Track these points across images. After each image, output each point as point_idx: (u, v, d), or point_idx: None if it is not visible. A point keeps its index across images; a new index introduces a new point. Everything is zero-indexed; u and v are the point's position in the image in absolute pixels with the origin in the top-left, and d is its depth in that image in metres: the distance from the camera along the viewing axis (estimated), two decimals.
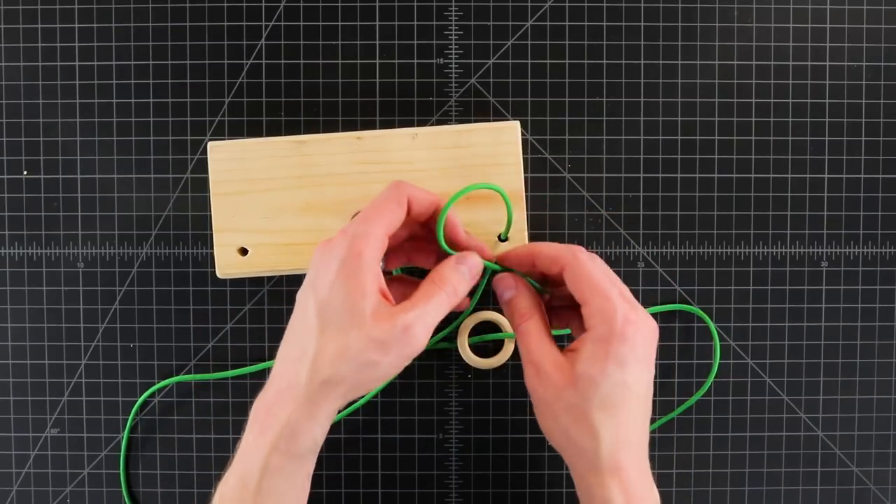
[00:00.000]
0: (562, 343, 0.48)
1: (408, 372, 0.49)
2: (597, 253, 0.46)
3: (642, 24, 0.48)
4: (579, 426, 0.36)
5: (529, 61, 0.48)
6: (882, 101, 0.48)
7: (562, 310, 0.42)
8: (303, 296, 0.36)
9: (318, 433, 0.36)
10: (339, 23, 0.48)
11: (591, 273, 0.37)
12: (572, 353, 0.37)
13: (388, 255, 0.41)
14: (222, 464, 0.45)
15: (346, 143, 0.44)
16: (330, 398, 0.35)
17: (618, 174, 0.48)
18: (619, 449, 0.36)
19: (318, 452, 0.37)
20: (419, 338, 0.35)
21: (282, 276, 0.48)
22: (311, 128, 0.48)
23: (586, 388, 0.36)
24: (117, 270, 0.49)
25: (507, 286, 0.40)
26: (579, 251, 0.38)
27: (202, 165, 0.48)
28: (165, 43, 0.48)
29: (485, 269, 0.49)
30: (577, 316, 0.40)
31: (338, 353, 0.34)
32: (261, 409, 0.36)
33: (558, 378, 0.36)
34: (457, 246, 0.39)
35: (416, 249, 0.42)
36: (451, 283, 0.37)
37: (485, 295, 0.48)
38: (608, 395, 0.36)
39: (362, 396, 0.37)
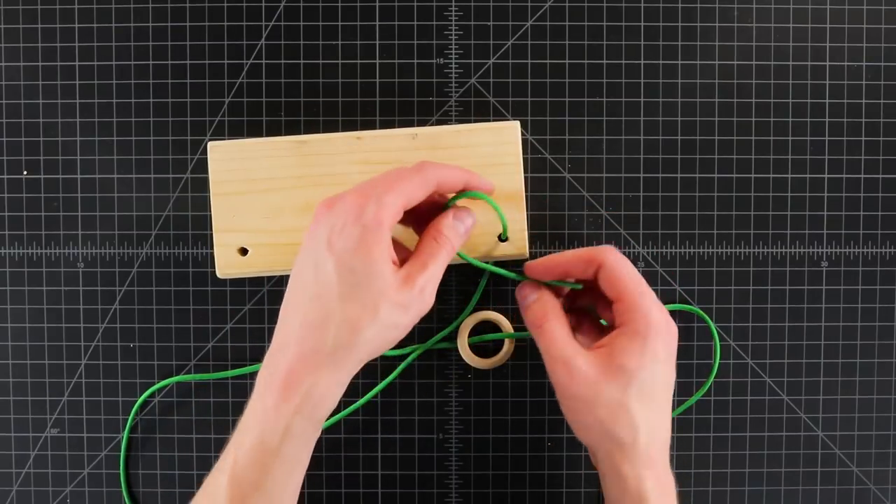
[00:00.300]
0: None
1: (408, 372, 0.49)
2: None
3: (642, 24, 0.48)
4: (619, 419, 0.37)
5: (529, 61, 0.48)
6: (882, 101, 0.48)
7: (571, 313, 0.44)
8: (317, 255, 0.36)
9: (338, 397, 0.37)
10: (339, 23, 0.48)
11: (628, 271, 0.38)
12: (603, 348, 0.38)
13: None
14: None
15: (346, 143, 0.44)
16: (354, 362, 0.36)
17: (618, 174, 0.48)
18: (653, 442, 0.37)
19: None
20: (431, 297, 0.37)
21: (282, 276, 0.48)
22: (311, 128, 0.48)
23: (627, 380, 0.37)
24: (117, 270, 0.49)
25: (529, 292, 0.41)
26: (612, 250, 0.39)
27: (202, 165, 0.48)
28: (165, 43, 0.48)
29: (485, 270, 0.49)
30: (585, 320, 0.42)
31: (365, 318, 0.35)
32: (279, 373, 0.36)
33: (593, 373, 0.37)
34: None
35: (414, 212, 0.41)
36: (451, 241, 0.39)
37: (485, 295, 0.48)
38: (645, 387, 0.37)
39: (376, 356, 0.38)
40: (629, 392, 0.37)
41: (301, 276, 0.36)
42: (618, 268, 0.38)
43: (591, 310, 0.44)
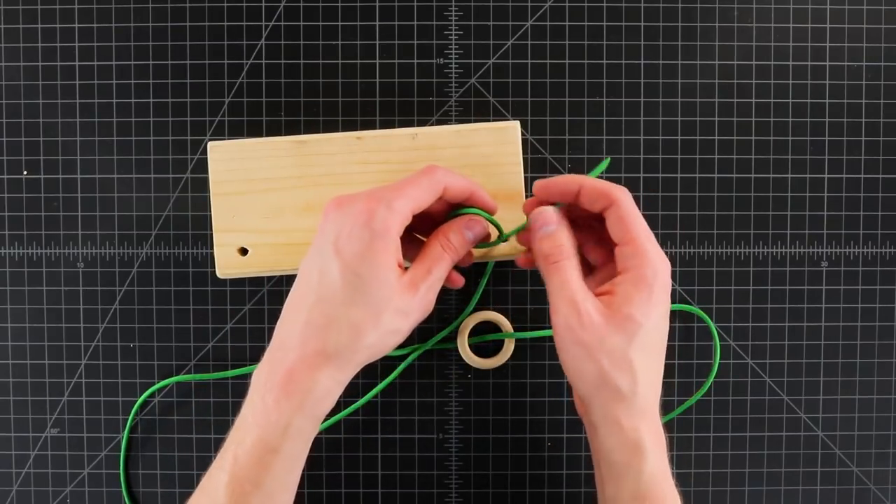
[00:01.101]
0: None
1: (408, 372, 0.49)
2: None
3: (642, 24, 0.48)
4: (621, 369, 0.36)
5: (529, 61, 0.48)
6: (882, 101, 0.48)
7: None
8: (322, 257, 0.36)
9: (337, 396, 0.37)
10: (339, 23, 0.48)
11: (637, 214, 0.37)
12: (609, 295, 0.37)
13: None
14: None
15: (346, 143, 0.44)
16: (354, 364, 0.36)
17: (618, 174, 0.48)
18: (650, 391, 0.37)
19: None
20: (432, 302, 0.38)
21: (282, 276, 0.48)
22: (311, 128, 0.48)
23: (633, 330, 0.36)
24: (117, 270, 0.49)
25: (549, 220, 0.38)
26: (626, 191, 0.37)
27: (202, 165, 0.48)
28: (165, 43, 0.48)
29: (484, 270, 0.49)
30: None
31: (368, 324, 0.35)
32: (280, 372, 0.36)
33: (600, 320, 0.36)
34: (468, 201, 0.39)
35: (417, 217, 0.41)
36: (456, 248, 0.38)
37: (485, 295, 0.48)
38: (648, 337, 0.36)
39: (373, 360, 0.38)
40: (634, 343, 0.36)
41: (307, 276, 0.37)
42: (631, 210, 0.37)
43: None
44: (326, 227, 0.36)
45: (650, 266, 0.36)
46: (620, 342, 0.36)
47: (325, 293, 0.35)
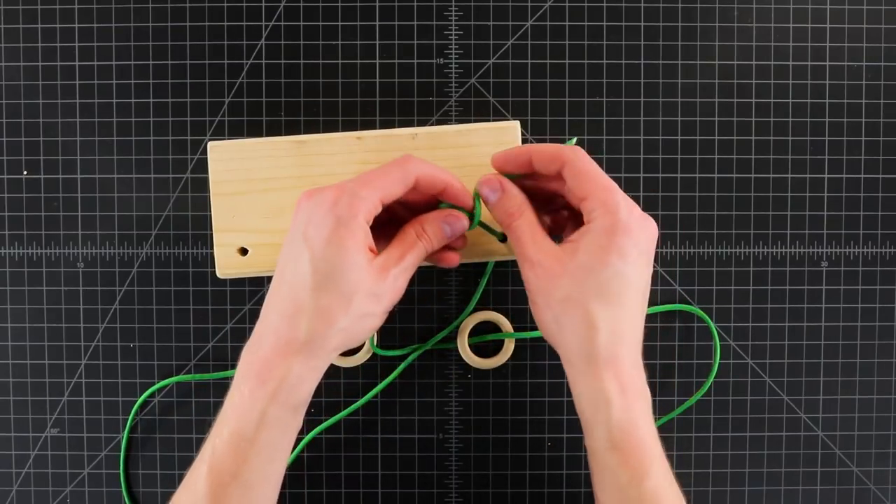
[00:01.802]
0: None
1: (408, 372, 0.49)
2: None
3: (642, 24, 0.48)
4: (575, 316, 0.36)
5: (529, 61, 0.48)
6: (882, 101, 0.48)
7: (552, 213, 0.42)
8: (293, 247, 0.36)
9: (314, 385, 0.37)
10: (339, 23, 0.48)
11: (593, 168, 0.37)
12: (571, 243, 0.37)
13: None
14: None
15: (346, 143, 0.44)
16: (328, 350, 0.36)
17: (618, 174, 0.48)
18: (616, 342, 0.36)
19: (308, 405, 0.38)
20: (403, 287, 0.38)
21: None
22: (311, 128, 0.48)
23: (584, 277, 0.36)
24: (117, 270, 0.49)
25: (493, 188, 0.39)
26: (577, 149, 0.37)
27: (202, 165, 0.48)
28: (165, 43, 0.48)
29: (484, 270, 0.49)
30: (570, 219, 0.41)
31: (338, 309, 0.35)
32: (255, 362, 0.36)
33: (556, 268, 0.36)
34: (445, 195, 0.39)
35: (403, 206, 0.41)
36: (430, 238, 0.38)
37: (485, 295, 0.48)
38: (607, 285, 0.36)
39: (352, 346, 0.38)
40: (590, 291, 0.36)
41: (281, 268, 0.37)
42: (580, 164, 0.37)
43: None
44: (297, 217, 0.37)
45: (610, 214, 0.36)
46: (574, 290, 0.36)
47: (296, 281, 0.36)
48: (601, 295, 0.36)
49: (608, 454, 0.36)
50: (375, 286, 0.36)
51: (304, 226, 0.36)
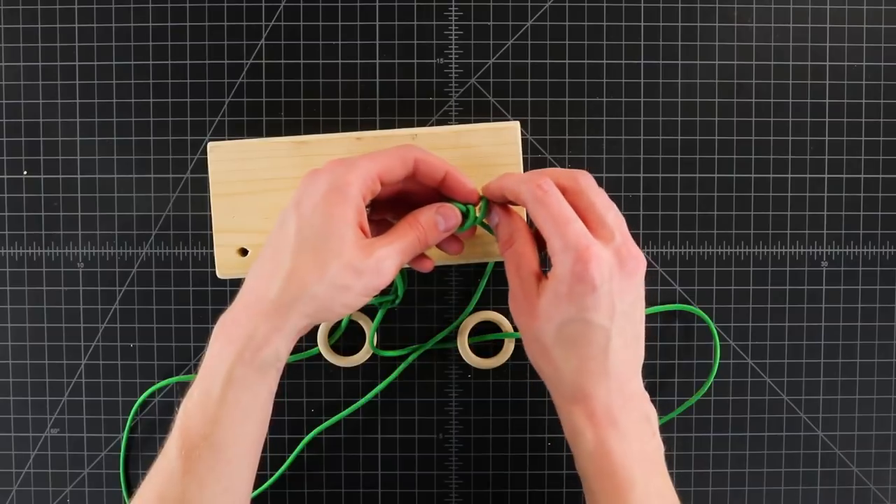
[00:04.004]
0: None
1: (408, 372, 0.49)
2: None
3: (642, 24, 0.48)
4: (543, 357, 0.38)
5: (529, 61, 0.48)
6: (882, 101, 0.48)
7: None
8: (284, 214, 0.37)
9: (281, 347, 0.36)
10: (339, 23, 0.48)
11: (548, 210, 0.36)
12: (545, 280, 0.38)
13: (377, 205, 0.41)
14: None
15: (346, 143, 0.44)
16: (298, 314, 0.36)
17: (618, 174, 0.48)
18: (583, 380, 0.37)
19: (280, 371, 0.37)
20: (388, 271, 0.37)
21: None
22: (311, 128, 0.48)
23: (545, 324, 0.37)
24: (117, 270, 0.49)
25: (489, 216, 0.40)
26: (537, 186, 0.36)
27: (202, 165, 0.48)
28: (165, 43, 0.48)
29: (484, 270, 0.49)
30: None
31: (314, 273, 0.35)
32: (226, 321, 0.36)
33: (529, 308, 0.38)
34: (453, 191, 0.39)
35: (407, 203, 0.41)
36: (424, 230, 0.38)
37: (485, 295, 0.48)
38: (567, 330, 0.37)
39: (327, 321, 0.38)
40: (548, 337, 0.37)
41: (270, 235, 0.37)
42: (540, 211, 0.36)
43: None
44: (296, 192, 0.37)
45: (561, 264, 0.36)
46: (539, 333, 0.37)
47: (279, 244, 0.36)
48: (561, 341, 0.37)
49: (589, 480, 0.37)
50: (356, 259, 0.35)
51: (298, 196, 0.36)
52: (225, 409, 0.35)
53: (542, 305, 0.37)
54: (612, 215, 0.37)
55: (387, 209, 0.42)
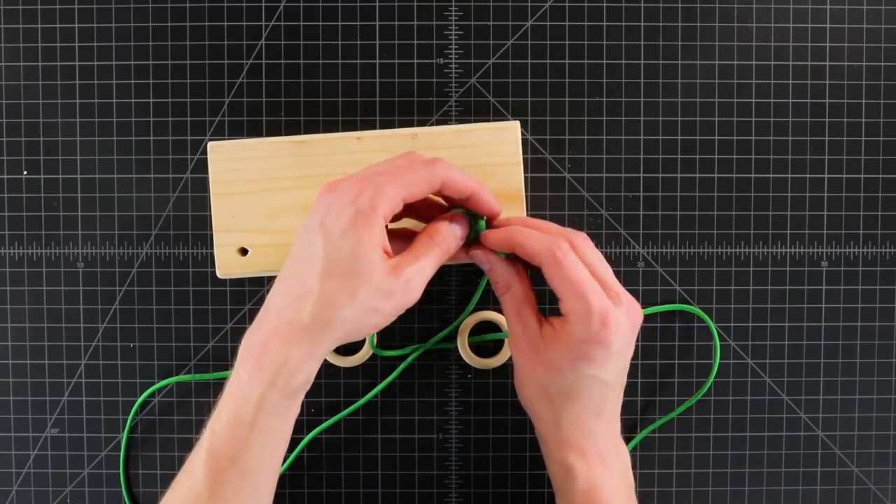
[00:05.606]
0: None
1: (408, 372, 0.49)
2: None
3: (642, 24, 0.48)
4: (542, 401, 0.39)
5: (529, 61, 0.48)
6: (882, 101, 0.48)
7: None
8: (309, 234, 0.36)
9: (312, 372, 0.37)
10: (339, 23, 0.48)
11: (567, 273, 0.37)
12: (551, 328, 0.39)
13: None
14: None
15: (346, 143, 0.44)
16: (330, 339, 0.36)
17: (618, 174, 0.48)
18: (581, 425, 0.39)
19: (306, 392, 0.38)
20: (417, 290, 0.37)
21: None
22: (311, 128, 0.48)
23: (552, 373, 0.38)
24: (117, 270, 0.49)
25: (481, 261, 0.41)
26: (556, 248, 0.37)
27: (202, 165, 0.48)
28: (165, 43, 0.48)
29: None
30: None
31: (344, 297, 0.35)
32: (255, 346, 0.36)
33: (532, 353, 0.39)
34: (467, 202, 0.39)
35: (417, 209, 0.41)
36: (447, 242, 0.38)
37: (485, 295, 0.48)
38: (576, 386, 0.38)
39: (355, 340, 0.38)
40: (554, 387, 0.39)
41: (292, 253, 0.37)
42: (558, 272, 0.37)
43: None
44: (317, 207, 0.36)
45: (581, 325, 0.37)
46: (544, 380, 0.39)
47: (306, 265, 0.36)
48: (566, 391, 0.38)
49: None
50: (385, 282, 0.35)
51: (322, 215, 0.36)
52: (255, 434, 0.36)
53: (551, 356, 0.38)
54: (610, 274, 0.39)
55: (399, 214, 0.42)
